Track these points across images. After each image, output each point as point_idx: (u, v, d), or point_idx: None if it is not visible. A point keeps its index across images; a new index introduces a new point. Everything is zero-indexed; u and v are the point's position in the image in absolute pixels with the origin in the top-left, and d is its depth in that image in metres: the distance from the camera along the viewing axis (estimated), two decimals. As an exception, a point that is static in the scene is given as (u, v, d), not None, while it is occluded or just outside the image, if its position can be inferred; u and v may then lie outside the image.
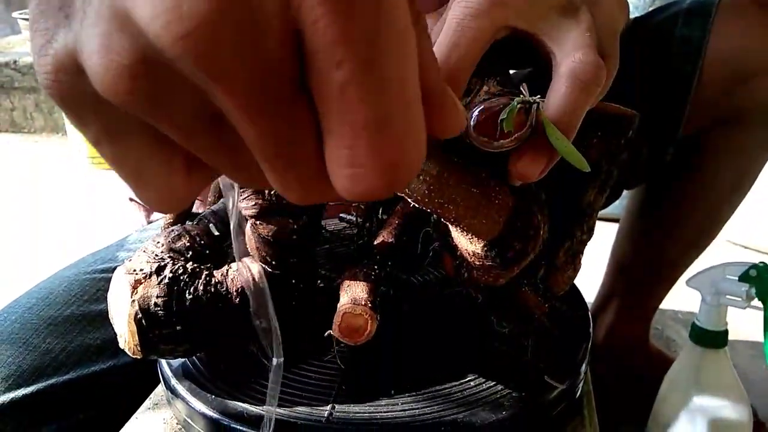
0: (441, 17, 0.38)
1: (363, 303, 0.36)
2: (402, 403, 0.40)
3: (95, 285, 0.66)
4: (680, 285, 0.78)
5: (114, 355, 0.61)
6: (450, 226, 0.37)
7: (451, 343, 0.47)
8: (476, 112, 0.33)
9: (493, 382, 0.42)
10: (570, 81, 0.33)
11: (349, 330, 0.36)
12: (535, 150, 0.32)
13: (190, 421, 0.41)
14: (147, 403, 0.47)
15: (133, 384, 0.59)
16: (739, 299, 0.65)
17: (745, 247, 1.57)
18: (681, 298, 0.95)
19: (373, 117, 0.14)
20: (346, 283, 0.39)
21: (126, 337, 0.39)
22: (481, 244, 0.36)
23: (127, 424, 0.44)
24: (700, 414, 0.68)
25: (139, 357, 0.39)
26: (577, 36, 0.34)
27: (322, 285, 0.51)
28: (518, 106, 0.32)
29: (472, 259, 0.37)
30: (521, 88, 0.35)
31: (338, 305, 0.36)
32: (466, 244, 0.37)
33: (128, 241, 0.75)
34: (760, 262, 0.63)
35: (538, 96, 0.33)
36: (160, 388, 0.48)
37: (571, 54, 0.34)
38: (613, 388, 0.93)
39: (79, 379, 0.58)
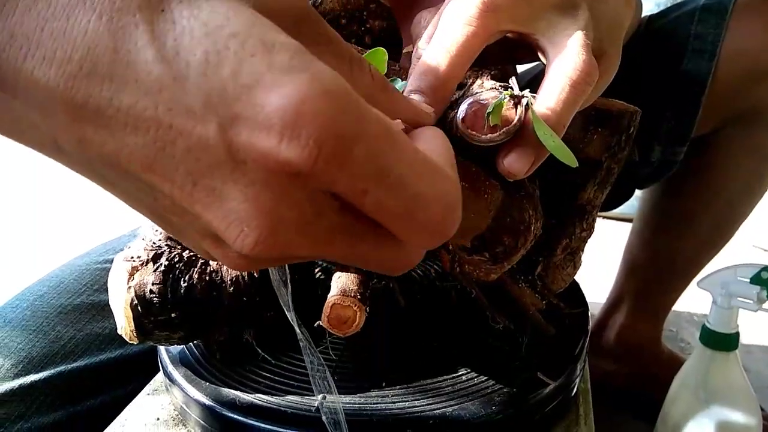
0: (438, 12, 0.38)
1: (352, 294, 0.36)
2: (392, 395, 0.40)
3: (105, 275, 0.66)
4: (696, 287, 0.77)
5: (122, 345, 0.62)
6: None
7: (444, 336, 0.47)
8: (465, 105, 0.33)
9: (485, 377, 0.42)
10: (560, 79, 0.33)
11: (338, 321, 0.36)
12: (523, 146, 0.32)
13: (185, 407, 0.42)
14: (147, 389, 0.48)
15: (141, 373, 0.59)
16: (751, 301, 0.64)
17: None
18: (697, 300, 0.93)
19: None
20: (337, 274, 0.39)
21: (123, 322, 0.39)
22: (470, 238, 0.36)
23: (127, 409, 0.45)
24: (708, 416, 0.67)
25: (135, 343, 0.40)
26: (572, 34, 0.34)
27: (322, 277, 0.51)
28: (507, 100, 0.32)
29: (462, 253, 0.37)
30: (511, 83, 0.35)
31: (328, 296, 0.37)
32: (456, 238, 0.37)
33: (140, 232, 0.76)
34: (772, 264, 0.62)
35: (528, 90, 0.33)
36: (160, 375, 0.48)
37: (563, 52, 0.34)
38: (624, 388, 0.92)
39: (88, 367, 0.59)
